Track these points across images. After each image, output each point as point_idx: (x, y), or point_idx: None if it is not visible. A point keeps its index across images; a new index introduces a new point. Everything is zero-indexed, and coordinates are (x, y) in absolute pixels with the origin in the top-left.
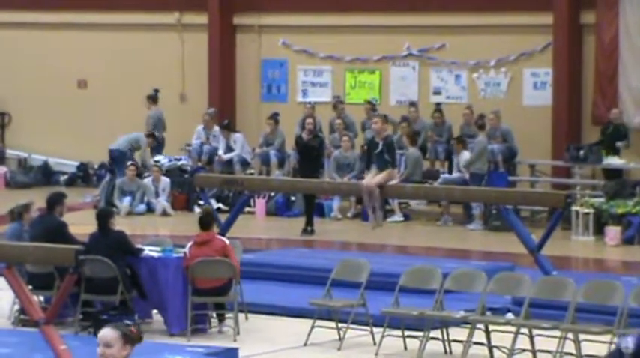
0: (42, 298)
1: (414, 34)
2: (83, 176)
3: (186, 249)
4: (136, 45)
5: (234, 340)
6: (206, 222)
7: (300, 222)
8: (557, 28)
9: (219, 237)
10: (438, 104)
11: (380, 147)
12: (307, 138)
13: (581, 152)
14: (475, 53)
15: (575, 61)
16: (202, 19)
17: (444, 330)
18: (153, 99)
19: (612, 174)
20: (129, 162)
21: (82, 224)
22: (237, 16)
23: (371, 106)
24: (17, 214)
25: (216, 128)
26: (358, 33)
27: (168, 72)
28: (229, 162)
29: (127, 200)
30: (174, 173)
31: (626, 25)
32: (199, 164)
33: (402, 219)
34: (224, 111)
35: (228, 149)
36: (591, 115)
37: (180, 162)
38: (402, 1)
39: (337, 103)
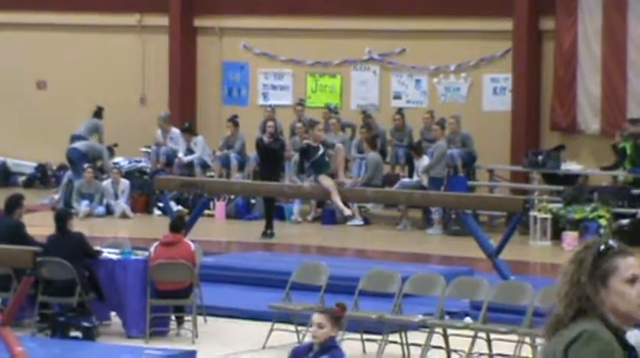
0: None
1: (375, 38)
2: (41, 177)
3: (151, 249)
4: (96, 46)
5: (193, 343)
6: (177, 225)
7: (260, 225)
8: (517, 34)
9: (186, 240)
10: (399, 109)
11: (321, 150)
12: (268, 142)
13: (540, 157)
14: (435, 58)
15: (534, 66)
16: (163, 20)
17: (403, 334)
18: (97, 115)
19: (565, 179)
20: (86, 164)
21: (40, 225)
22: (198, 18)
23: (329, 111)
24: None
25: (175, 130)
26: (319, 36)
27: (128, 74)
28: (190, 164)
29: (86, 203)
30: (134, 175)
31: (584, 32)
32: (158, 166)
33: (361, 222)
34: (185, 114)
35: (189, 151)
36: (550, 121)
37: (139, 164)
38: (364, 5)
39: (297, 106)
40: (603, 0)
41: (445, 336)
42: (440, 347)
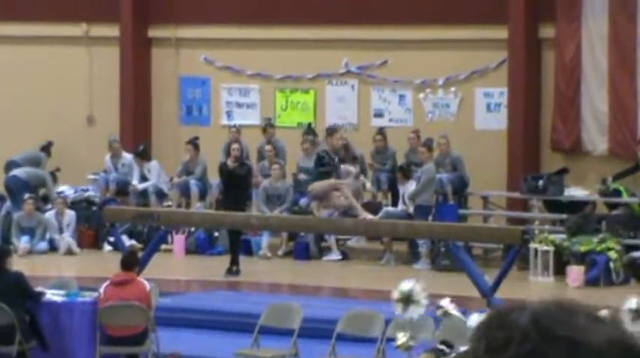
0: None
1: (353, 49)
2: None
3: (101, 290)
4: (38, 59)
5: None
6: (129, 261)
7: (225, 260)
8: (512, 43)
9: (140, 279)
10: (381, 128)
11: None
12: (233, 166)
13: (540, 182)
14: (421, 71)
15: (532, 79)
16: (113, 30)
17: None
18: (44, 149)
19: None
20: (27, 195)
21: None
22: (153, 28)
23: (307, 132)
24: None
25: (127, 155)
26: (290, 47)
27: (74, 90)
28: (144, 193)
29: (26, 238)
30: (81, 205)
31: (589, 40)
32: (108, 195)
33: (339, 257)
34: (138, 136)
35: (143, 178)
36: (551, 141)
37: (87, 194)
38: (340, 13)
39: (267, 127)
40: (609, 4)
41: None
42: None
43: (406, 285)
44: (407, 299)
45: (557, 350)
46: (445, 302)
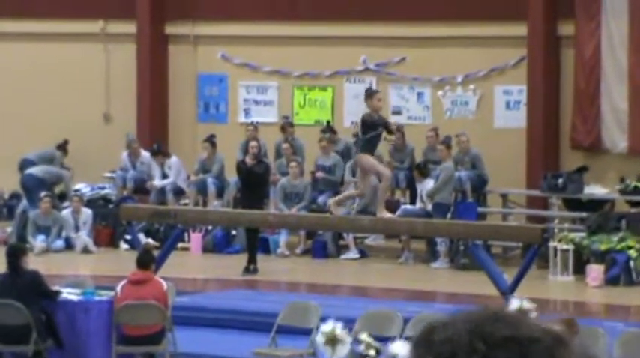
0: None
1: (371, 46)
2: None
3: (118, 288)
4: (54, 57)
5: None
6: (145, 260)
7: (242, 259)
8: (531, 41)
9: (157, 278)
10: (400, 125)
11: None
12: (251, 164)
13: (560, 180)
14: (440, 68)
15: (552, 77)
16: (130, 27)
17: None
18: (60, 147)
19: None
20: (43, 193)
21: None
22: (170, 25)
23: (326, 129)
24: None
25: (145, 154)
26: (308, 44)
27: (90, 88)
28: (162, 190)
29: (42, 236)
30: (97, 204)
31: (609, 38)
32: (125, 193)
33: (357, 256)
34: (155, 133)
35: (164, 176)
36: (570, 139)
37: (103, 192)
38: (358, 9)
39: (286, 125)
40: (629, 2)
41: None
42: None
43: (328, 327)
44: (332, 340)
45: (508, 351)
46: (364, 336)
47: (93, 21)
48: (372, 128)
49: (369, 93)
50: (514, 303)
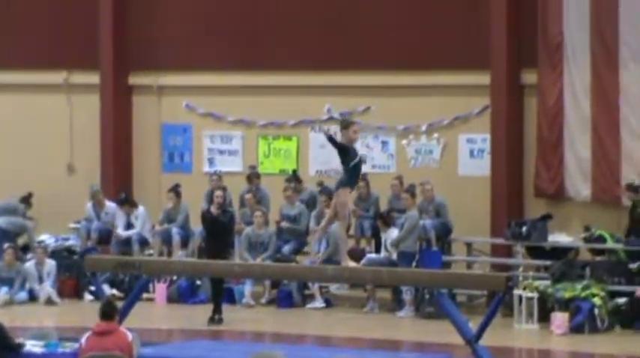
0: None
1: (336, 94)
2: None
3: (83, 340)
4: (17, 108)
5: None
6: (108, 311)
7: (207, 309)
8: (495, 89)
9: (122, 329)
10: (365, 174)
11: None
12: (216, 213)
13: (524, 228)
14: (404, 117)
15: (515, 125)
16: (94, 78)
17: None
18: (24, 200)
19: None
20: (6, 244)
21: None
22: (134, 76)
23: (291, 179)
24: None
25: (111, 204)
26: (272, 94)
27: (54, 139)
28: (127, 241)
29: (5, 289)
30: (61, 255)
31: (571, 87)
32: (90, 244)
33: (323, 305)
34: (119, 184)
35: (129, 226)
36: (534, 187)
37: (67, 243)
38: (322, 59)
39: (252, 176)
40: (591, 51)
41: None
42: None
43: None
44: None
45: None
46: None
47: (56, 72)
48: (354, 158)
49: (346, 124)
50: None
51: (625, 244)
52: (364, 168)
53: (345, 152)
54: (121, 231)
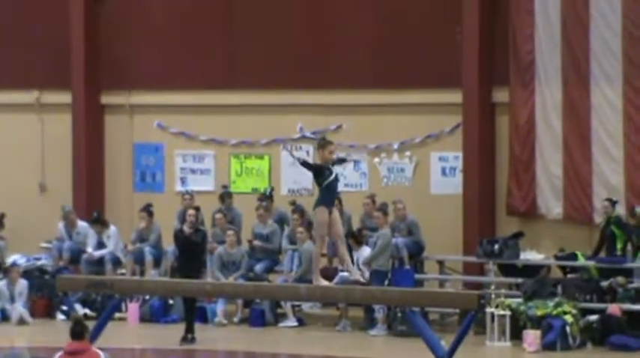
0: None
1: (308, 113)
2: None
3: None
4: None
5: None
6: (78, 331)
7: (180, 328)
8: (467, 107)
9: (94, 349)
10: (338, 193)
11: (333, 174)
12: (189, 233)
13: (496, 246)
14: (376, 135)
15: (487, 143)
16: (65, 97)
17: None
18: None
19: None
20: None
21: None
22: (106, 95)
23: (265, 197)
24: None
25: (83, 224)
26: (244, 113)
27: (25, 158)
28: (99, 260)
29: None
30: (33, 274)
31: (543, 105)
32: (62, 264)
33: (295, 323)
34: (91, 203)
35: (100, 245)
36: (506, 205)
37: (40, 262)
38: (294, 78)
39: (224, 195)
40: (563, 69)
41: None
42: None
43: None
44: None
45: None
46: None
47: (27, 91)
48: (328, 176)
49: (322, 144)
50: None
51: (596, 262)
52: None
53: (320, 172)
54: (92, 251)
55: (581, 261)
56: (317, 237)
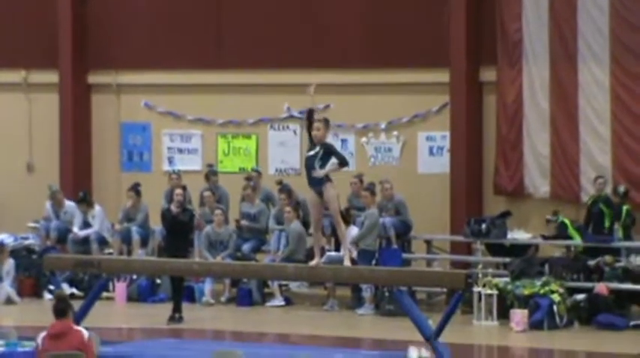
0: None
1: (295, 93)
2: None
3: (39, 341)
4: None
5: None
6: (60, 309)
7: (167, 308)
8: (454, 87)
9: (77, 328)
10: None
11: (318, 151)
12: (176, 212)
13: (483, 226)
14: (363, 115)
15: (475, 123)
16: (52, 77)
17: None
18: None
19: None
20: None
21: None
22: (93, 74)
23: (254, 175)
24: None
25: (70, 203)
26: (231, 92)
27: (13, 137)
28: (86, 240)
29: None
30: (21, 254)
31: (530, 84)
32: (49, 243)
33: (282, 303)
34: (78, 183)
35: (85, 225)
36: (493, 184)
37: (27, 242)
38: (281, 57)
39: (209, 174)
40: (550, 48)
41: None
42: None
43: None
44: None
45: None
46: None
47: (14, 71)
48: (332, 152)
49: (327, 124)
50: (413, 353)
51: (584, 240)
52: None
53: (329, 149)
54: (77, 230)
55: (569, 240)
56: (332, 212)
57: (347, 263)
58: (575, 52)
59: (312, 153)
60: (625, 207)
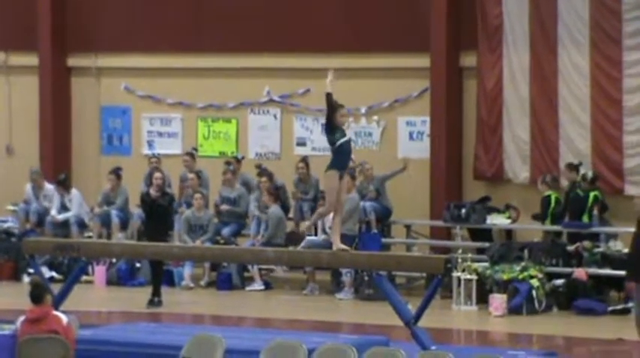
0: None
1: (275, 77)
2: None
3: (18, 325)
4: None
5: None
6: (36, 295)
7: (147, 291)
8: (434, 72)
9: (56, 313)
10: (305, 157)
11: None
12: (155, 196)
13: (463, 210)
14: (344, 99)
15: (455, 108)
16: (32, 60)
17: None
18: None
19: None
20: None
21: None
22: (73, 57)
23: (234, 161)
24: None
25: (49, 186)
26: (211, 76)
27: None
28: (65, 223)
29: None
30: (0, 237)
31: (510, 70)
32: (28, 226)
33: (262, 287)
34: (58, 166)
35: (63, 208)
36: (473, 170)
37: (6, 225)
38: (261, 41)
39: (188, 155)
40: (530, 33)
41: None
42: None
43: None
44: None
45: None
46: None
47: None
48: (336, 133)
49: (335, 107)
50: None
51: (563, 226)
52: (303, 151)
53: (334, 129)
54: (55, 214)
55: (547, 225)
56: (327, 203)
57: (339, 246)
58: (555, 38)
59: (347, 138)
60: (592, 193)
